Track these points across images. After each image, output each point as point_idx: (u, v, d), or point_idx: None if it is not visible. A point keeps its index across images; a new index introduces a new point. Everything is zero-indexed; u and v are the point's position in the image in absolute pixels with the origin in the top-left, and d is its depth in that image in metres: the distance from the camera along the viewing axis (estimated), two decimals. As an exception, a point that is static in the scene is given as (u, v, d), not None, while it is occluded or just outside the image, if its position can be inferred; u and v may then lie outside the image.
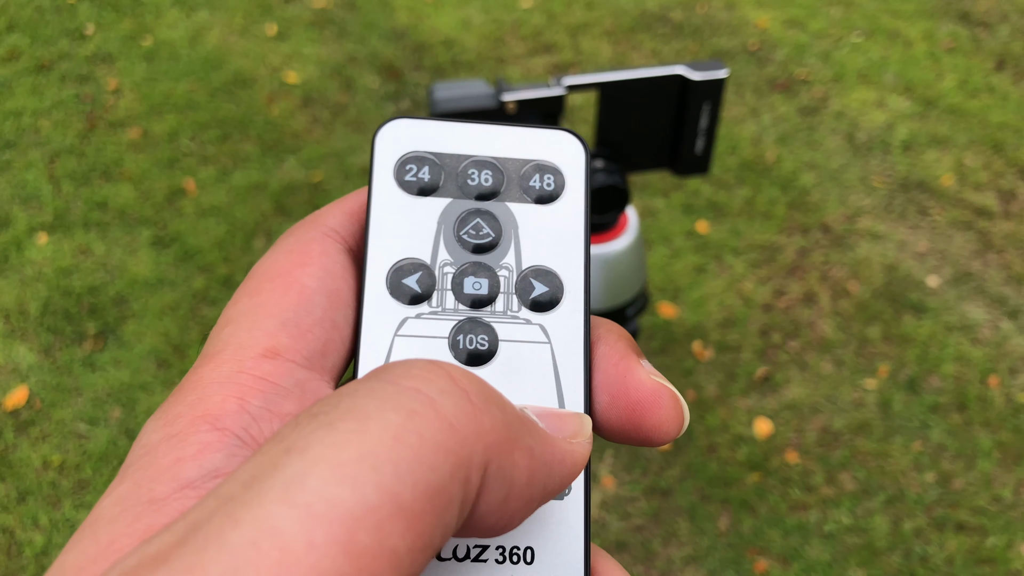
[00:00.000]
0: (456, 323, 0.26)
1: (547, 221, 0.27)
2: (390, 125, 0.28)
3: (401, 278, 0.26)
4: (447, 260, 0.26)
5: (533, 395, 0.26)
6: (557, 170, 0.28)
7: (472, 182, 0.27)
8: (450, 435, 0.17)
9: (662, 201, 2.11)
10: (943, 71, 2.50)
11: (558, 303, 0.26)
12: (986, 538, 1.48)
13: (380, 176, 0.27)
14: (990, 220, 2.07)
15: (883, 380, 1.73)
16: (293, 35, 2.67)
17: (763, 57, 2.59)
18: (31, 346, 1.81)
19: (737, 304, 1.88)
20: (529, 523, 0.24)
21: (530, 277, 0.27)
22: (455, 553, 0.24)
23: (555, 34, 2.67)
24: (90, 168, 2.21)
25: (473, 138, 0.28)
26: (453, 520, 0.17)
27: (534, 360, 0.26)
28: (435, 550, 0.17)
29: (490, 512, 0.19)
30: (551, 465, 0.20)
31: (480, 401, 0.18)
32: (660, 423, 0.25)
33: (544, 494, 0.20)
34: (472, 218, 0.27)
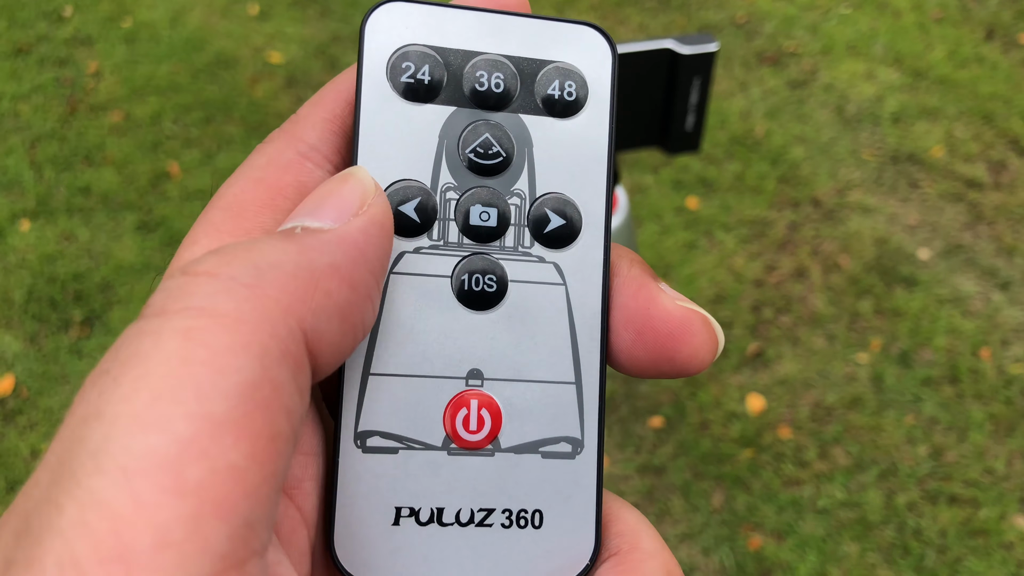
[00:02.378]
0: (460, 259, 0.23)
1: (566, 139, 0.24)
2: (382, 9, 0.23)
3: (397, 204, 0.23)
4: (450, 183, 0.23)
5: (544, 345, 0.23)
6: (580, 76, 0.24)
7: (481, 86, 0.23)
8: (238, 329, 0.16)
9: (651, 177, 2.09)
10: (932, 42, 2.48)
11: (576, 238, 0.24)
12: (979, 510, 1.49)
13: (371, 75, 0.23)
14: (980, 192, 2.06)
15: (875, 354, 1.72)
16: (275, 14, 2.63)
17: (751, 30, 2.57)
18: (16, 334, 1.79)
19: (728, 280, 1.87)
20: (538, 485, 0.23)
21: (545, 207, 0.23)
22: (458, 518, 0.22)
23: (541, 8, 2.64)
24: (72, 153, 2.18)
25: (482, 30, 0.23)
26: (295, 395, 0.17)
27: (548, 303, 0.23)
28: (289, 432, 0.17)
29: (338, 340, 0.19)
30: (359, 256, 0.20)
31: (252, 278, 0.17)
32: (695, 353, 0.23)
33: (376, 276, 0.20)
34: (480, 132, 0.23)
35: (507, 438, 0.23)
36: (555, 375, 0.23)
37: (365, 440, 0.22)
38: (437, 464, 0.22)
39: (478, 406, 0.23)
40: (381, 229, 0.20)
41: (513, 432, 0.23)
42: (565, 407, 0.23)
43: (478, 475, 0.22)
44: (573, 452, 0.23)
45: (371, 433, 0.22)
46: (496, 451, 0.23)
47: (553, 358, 0.23)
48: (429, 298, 0.23)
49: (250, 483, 0.15)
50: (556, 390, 0.23)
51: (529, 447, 0.23)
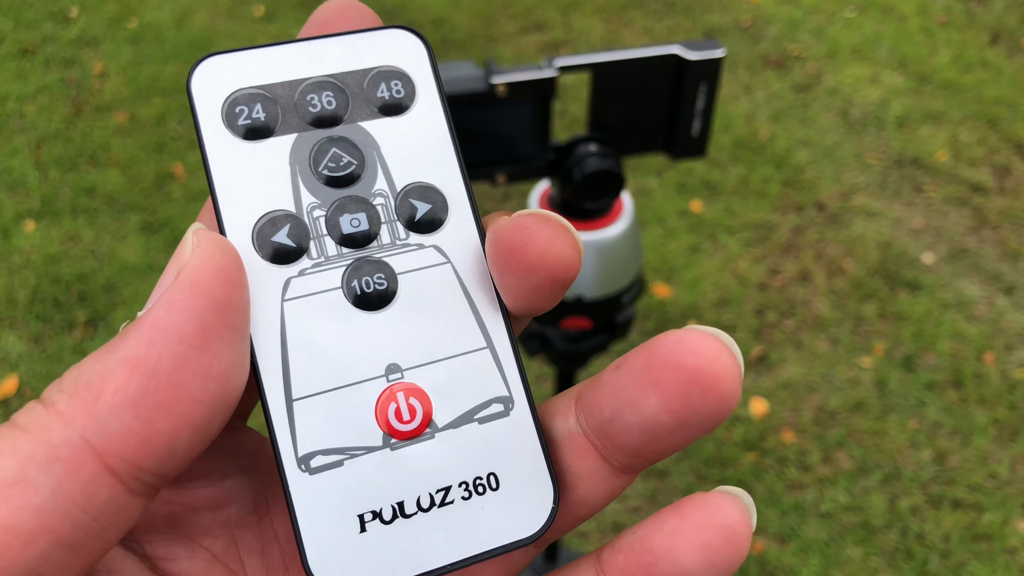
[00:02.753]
0: (346, 268, 0.24)
1: (408, 132, 0.25)
2: (204, 65, 0.24)
3: (269, 236, 0.23)
4: (314, 202, 0.24)
5: (448, 322, 0.24)
6: (403, 73, 0.25)
7: (314, 108, 0.24)
8: (15, 436, 0.19)
9: (655, 181, 2.09)
10: (937, 46, 2.48)
11: (446, 218, 0.24)
12: (982, 515, 1.48)
13: (209, 127, 0.24)
14: (985, 196, 2.06)
15: (879, 358, 1.72)
16: (280, 16, 2.63)
17: (756, 33, 2.57)
18: (20, 335, 1.79)
19: (732, 283, 1.87)
20: (484, 450, 0.24)
21: (409, 198, 0.24)
22: (420, 505, 0.23)
23: (546, 12, 2.65)
24: (77, 153, 2.19)
25: (301, 59, 0.24)
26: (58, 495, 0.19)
27: (439, 284, 0.24)
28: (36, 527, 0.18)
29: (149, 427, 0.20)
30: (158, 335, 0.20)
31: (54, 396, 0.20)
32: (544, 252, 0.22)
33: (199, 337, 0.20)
34: (327, 149, 0.24)
35: (441, 417, 0.23)
36: (467, 346, 0.24)
37: (308, 463, 0.23)
38: (383, 462, 0.23)
39: (405, 396, 0.23)
40: (193, 288, 0.20)
41: (445, 410, 0.24)
42: (486, 371, 0.24)
43: (425, 460, 0.23)
44: (506, 409, 0.24)
45: (312, 454, 0.23)
46: (435, 432, 0.23)
47: (460, 330, 0.24)
48: (327, 313, 0.23)
49: None
50: (472, 359, 0.24)
51: (464, 418, 0.24)
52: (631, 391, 0.22)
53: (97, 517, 0.19)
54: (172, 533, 0.24)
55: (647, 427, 0.22)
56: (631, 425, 0.22)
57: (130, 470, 0.20)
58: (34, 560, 0.19)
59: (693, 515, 0.23)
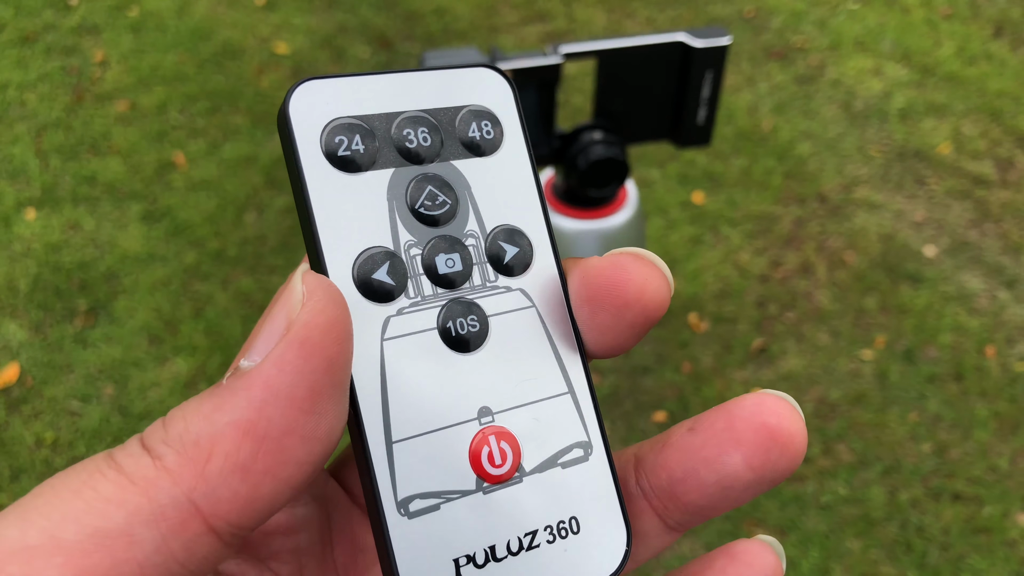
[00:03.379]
0: (440, 309, 0.24)
1: (496, 174, 0.25)
2: (303, 89, 0.23)
3: (370, 272, 0.23)
4: (410, 240, 0.24)
5: (533, 363, 0.24)
6: (492, 114, 0.25)
7: (411, 143, 0.24)
8: (123, 486, 0.19)
9: (657, 172, 2.09)
10: (941, 38, 2.48)
11: (531, 261, 0.25)
12: (982, 508, 1.49)
13: (308, 155, 0.23)
14: (988, 189, 2.06)
15: (880, 351, 1.72)
16: (282, 5, 2.63)
17: (759, 25, 2.56)
18: (21, 323, 1.79)
19: (733, 275, 1.87)
20: (567, 494, 0.24)
21: (498, 240, 0.25)
22: (510, 549, 0.23)
23: (548, 2, 2.64)
24: (78, 142, 2.18)
25: (396, 91, 0.24)
26: (160, 553, 0.19)
27: (525, 328, 0.25)
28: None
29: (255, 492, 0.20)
30: (270, 397, 0.20)
31: (162, 447, 0.20)
32: (640, 286, 0.23)
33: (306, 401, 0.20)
34: (423, 186, 0.24)
35: (529, 461, 0.24)
36: (551, 390, 0.25)
37: (407, 506, 0.23)
38: (477, 506, 0.23)
39: (496, 440, 0.24)
40: (305, 346, 0.20)
41: (532, 454, 0.24)
42: (567, 416, 0.25)
43: (514, 504, 0.24)
44: (586, 454, 0.25)
45: (411, 498, 0.23)
46: (523, 476, 0.24)
47: (544, 374, 0.25)
48: (424, 353, 0.24)
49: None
50: (556, 403, 0.25)
51: (549, 463, 0.24)
52: (710, 450, 0.24)
53: (194, 571, 0.20)
54: (243, 552, 0.25)
55: (725, 483, 0.24)
56: (707, 483, 0.24)
57: (231, 530, 0.20)
58: None
59: (742, 557, 0.24)
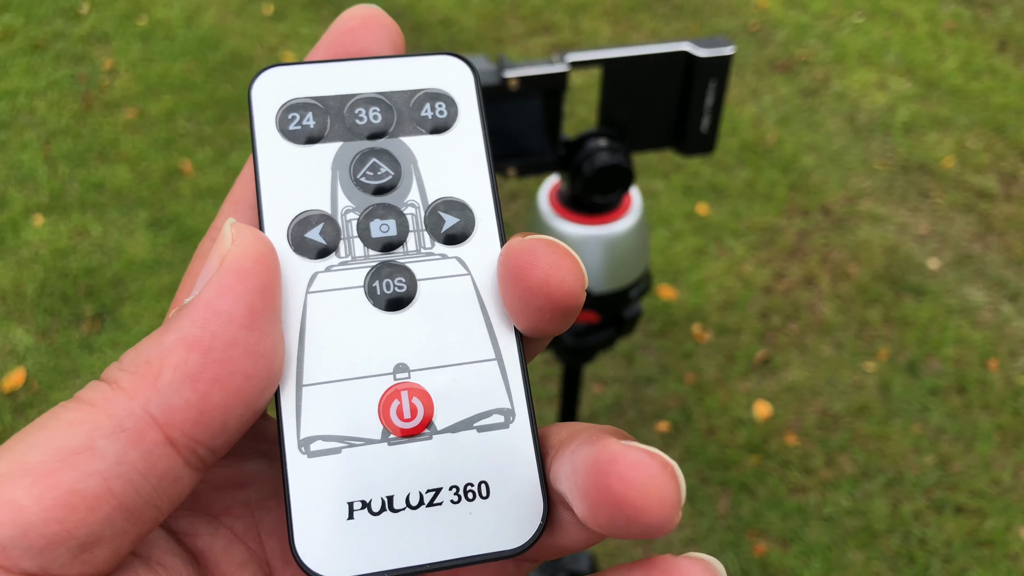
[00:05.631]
0: (369, 269, 0.25)
1: (446, 151, 0.26)
2: (264, 75, 0.26)
3: (303, 232, 0.25)
4: (348, 206, 0.25)
5: (461, 330, 0.25)
6: (448, 96, 0.26)
7: (361, 121, 0.26)
8: (81, 410, 0.21)
9: (662, 183, 2.10)
10: (945, 52, 2.49)
11: (471, 233, 0.26)
12: (985, 521, 1.48)
13: (263, 130, 0.26)
14: (991, 203, 2.06)
15: (883, 363, 1.72)
16: (290, 15, 2.65)
17: (764, 38, 2.57)
18: (28, 328, 1.80)
19: (737, 286, 1.87)
20: (479, 458, 0.24)
21: (439, 211, 0.26)
22: (408, 501, 0.24)
23: (554, 14, 2.65)
24: (86, 149, 2.20)
25: (355, 76, 0.26)
26: (122, 463, 0.20)
27: (456, 294, 0.25)
28: (100, 491, 0.20)
29: (206, 400, 0.21)
30: (210, 315, 0.21)
31: (115, 373, 0.21)
32: (545, 277, 0.23)
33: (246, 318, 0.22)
34: (367, 159, 0.26)
35: (441, 420, 0.24)
36: (476, 355, 0.25)
37: (308, 445, 0.24)
38: (379, 456, 0.24)
39: (408, 396, 0.24)
40: (238, 273, 0.22)
41: (446, 414, 0.24)
42: (491, 382, 0.25)
43: (420, 459, 0.24)
44: (506, 422, 0.25)
45: (313, 438, 0.24)
46: (433, 434, 0.24)
47: (471, 340, 0.25)
48: (347, 309, 0.25)
49: (27, 521, 0.19)
50: (479, 368, 0.25)
51: (463, 424, 0.24)
52: (570, 485, 0.22)
53: (156, 486, 0.21)
54: (195, 509, 0.25)
55: (584, 519, 0.21)
56: (575, 509, 0.22)
57: (188, 442, 0.21)
58: (97, 523, 0.20)
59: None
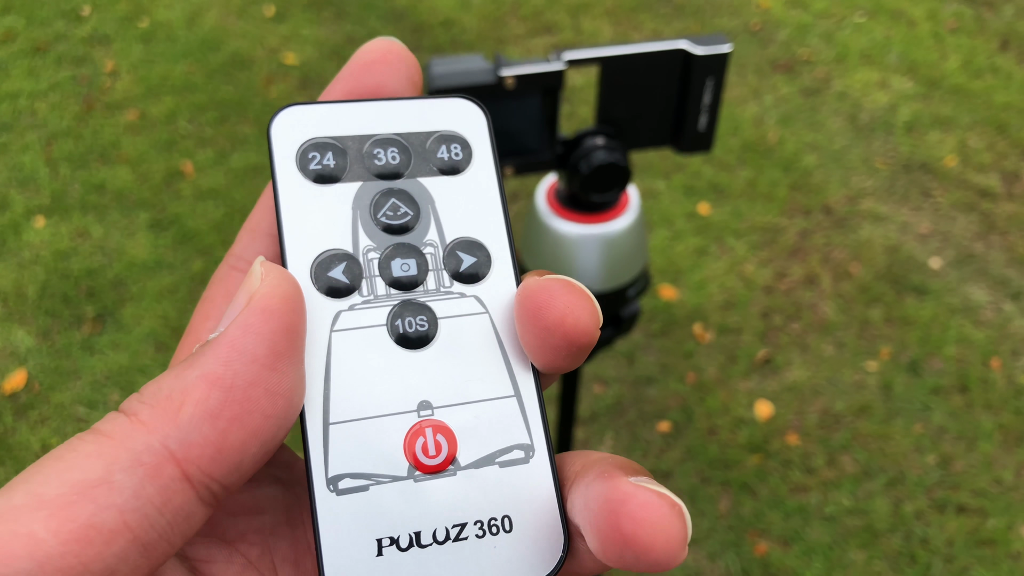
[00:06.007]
0: (391, 308, 0.26)
1: (461, 191, 0.27)
2: (284, 113, 0.27)
3: (326, 271, 0.25)
4: (369, 245, 0.26)
5: (480, 367, 0.26)
6: (462, 139, 0.27)
7: (379, 162, 0.27)
8: (99, 442, 0.21)
9: (663, 183, 2.10)
10: (947, 51, 2.48)
11: (488, 272, 0.26)
12: (987, 520, 1.48)
13: (283, 169, 0.26)
14: (993, 202, 2.06)
15: (884, 362, 1.72)
16: (291, 16, 2.65)
17: (765, 37, 2.57)
18: (29, 329, 1.80)
19: (738, 286, 1.87)
20: (500, 493, 0.25)
21: (456, 250, 0.26)
22: (435, 537, 0.24)
23: (555, 14, 2.65)
24: (87, 150, 2.20)
25: (372, 116, 0.27)
26: (139, 497, 0.20)
27: (475, 331, 0.26)
28: (117, 525, 0.20)
29: (224, 438, 0.21)
30: (234, 354, 0.22)
31: (135, 406, 0.21)
32: (562, 316, 0.24)
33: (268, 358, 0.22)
34: (386, 199, 0.26)
35: (465, 456, 0.25)
36: (495, 392, 0.26)
37: (337, 484, 0.24)
38: (406, 492, 0.25)
39: (433, 432, 0.25)
40: (264, 313, 0.22)
41: (469, 450, 0.25)
42: (510, 418, 0.26)
43: (445, 495, 0.25)
44: (527, 457, 0.25)
45: (341, 476, 0.24)
46: (457, 470, 0.25)
47: (490, 377, 0.26)
48: (370, 347, 0.25)
49: (45, 554, 0.19)
50: (499, 405, 0.26)
51: (486, 460, 0.25)
52: (583, 519, 0.23)
53: (171, 521, 0.21)
54: (211, 536, 0.26)
55: (596, 552, 0.22)
56: (587, 542, 0.23)
57: (203, 479, 0.21)
58: (112, 557, 0.20)
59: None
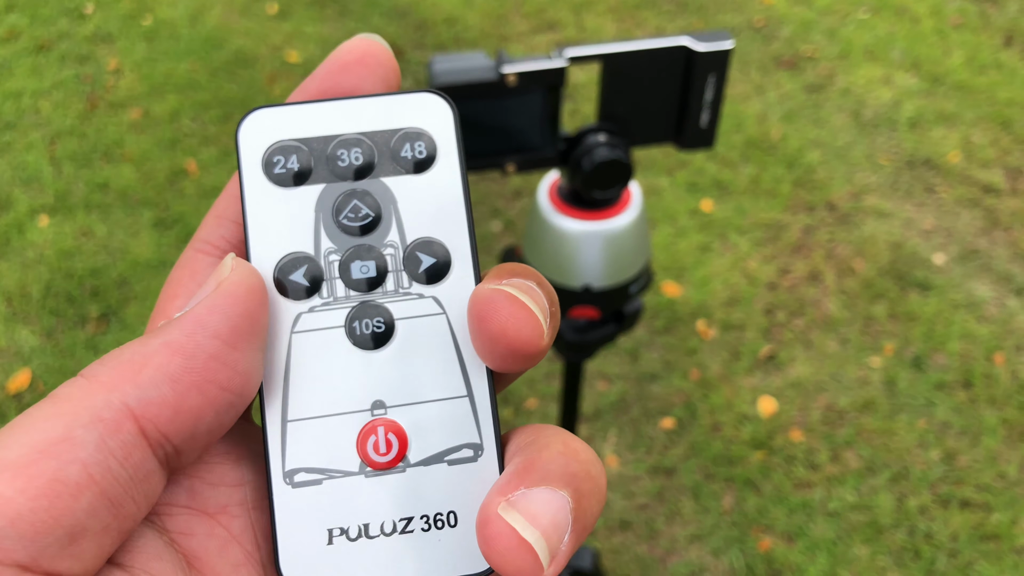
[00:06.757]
0: (350, 310, 0.26)
1: (425, 190, 0.27)
2: (251, 117, 0.27)
3: (288, 274, 0.26)
4: (331, 247, 0.27)
5: (435, 368, 0.26)
6: (427, 135, 0.27)
7: (343, 163, 0.27)
8: (58, 403, 0.21)
9: (666, 180, 2.10)
10: (950, 47, 2.48)
11: (447, 272, 0.27)
12: (991, 515, 1.48)
13: (249, 173, 0.27)
14: (997, 197, 2.05)
15: (888, 358, 1.72)
16: (294, 14, 2.65)
17: (769, 34, 2.56)
18: (33, 329, 1.81)
19: (742, 283, 1.87)
20: (448, 489, 0.26)
21: (416, 251, 0.27)
22: (383, 529, 0.26)
23: (558, 11, 2.65)
24: (91, 149, 2.20)
25: (337, 116, 0.27)
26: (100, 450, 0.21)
27: (432, 332, 0.27)
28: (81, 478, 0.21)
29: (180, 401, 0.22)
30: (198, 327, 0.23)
31: (95, 369, 0.22)
32: (503, 328, 0.24)
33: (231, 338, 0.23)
34: (349, 200, 0.27)
35: (415, 454, 0.26)
36: (449, 392, 0.27)
37: (292, 477, 0.26)
38: (357, 487, 0.26)
39: (384, 431, 0.26)
40: (231, 297, 0.24)
41: (420, 448, 0.26)
42: (462, 418, 0.26)
43: (394, 490, 0.26)
44: (475, 455, 0.26)
45: (297, 470, 0.26)
46: (407, 467, 0.26)
47: (444, 378, 0.27)
48: (328, 348, 0.26)
49: (15, 512, 0.20)
50: (451, 405, 0.26)
51: (435, 458, 0.26)
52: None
53: (133, 476, 0.22)
54: (191, 507, 0.25)
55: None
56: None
57: (159, 438, 0.22)
58: (82, 512, 0.21)
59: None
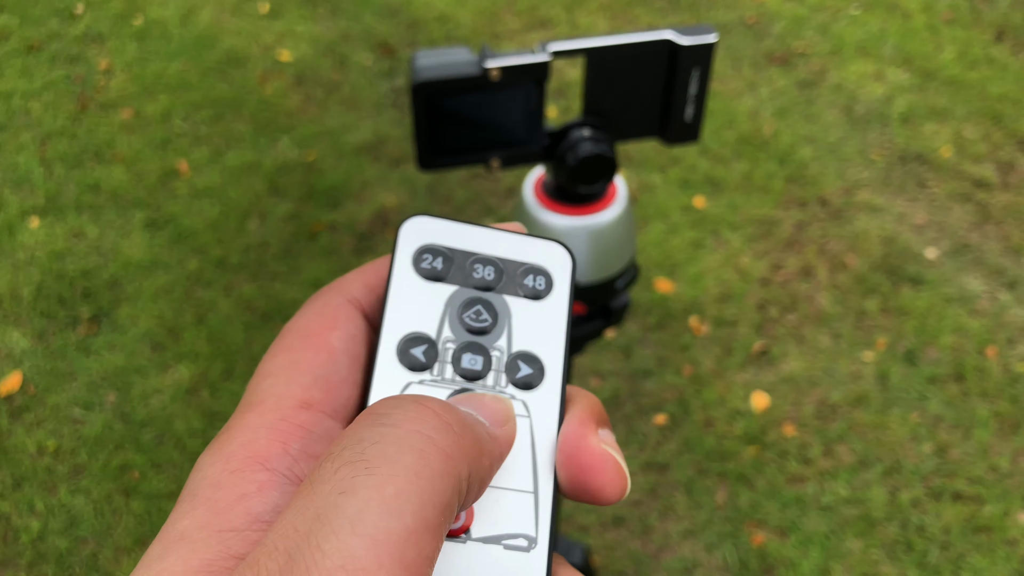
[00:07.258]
0: (452, 391, 0.30)
1: (535, 314, 0.32)
2: (413, 220, 0.32)
3: (409, 348, 0.30)
4: (449, 337, 0.31)
5: (512, 460, 0.29)
6: (548, 274, 0.32)
7: (476, 275, 0.32)
8: (448, 463, 0.23)
9: (659, 176, 2.10)
10: (942, 43, 2.48)
11: (539, 384, 0.31)
12: (983, 507, 1.48)
13: (400, 262, 0.31)
14: (989, 192, 2.06)
15: (881, 352, 1.72)
16: (286, 13, 2.64)
17: (760, 30, 2.56)
18: (24, 331, 1.80)
19: (734, 279, 1.87)
20: (499, 570, 0.28)
21: (518, 359, 0.31)
22: None
23: (551, 8, 2.65)
24: (82, 150, 2.20)
25: (481, 239, 0.32)
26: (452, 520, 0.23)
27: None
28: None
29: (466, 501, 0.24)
30: (496, 454, 0.26)
31: (459, 428, 0.24)
32: (603, 485, 0.28)
33: (490, 475, 0.26)
34: (474, 304, 0.31)
35: (477, 530, 0.28)
36: (518, 485, 0.29)
37: None
38: None
39: None
40: (508, 449, 0.27)
41: (483, 526, 0.28)
42: (524, 511, 0.29)
43: (451, 557, 0.28)
44: (528, 547, 0.28)
45: None
46: (467, 539, 0.28)
47: (517, 472, 0.29)
48: None
49: (431, 570, 0.21)
50: (518, 497, 0.29)
51: (494, 539, 0.28)
52: None
53: None
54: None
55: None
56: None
57: None
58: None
59: None
